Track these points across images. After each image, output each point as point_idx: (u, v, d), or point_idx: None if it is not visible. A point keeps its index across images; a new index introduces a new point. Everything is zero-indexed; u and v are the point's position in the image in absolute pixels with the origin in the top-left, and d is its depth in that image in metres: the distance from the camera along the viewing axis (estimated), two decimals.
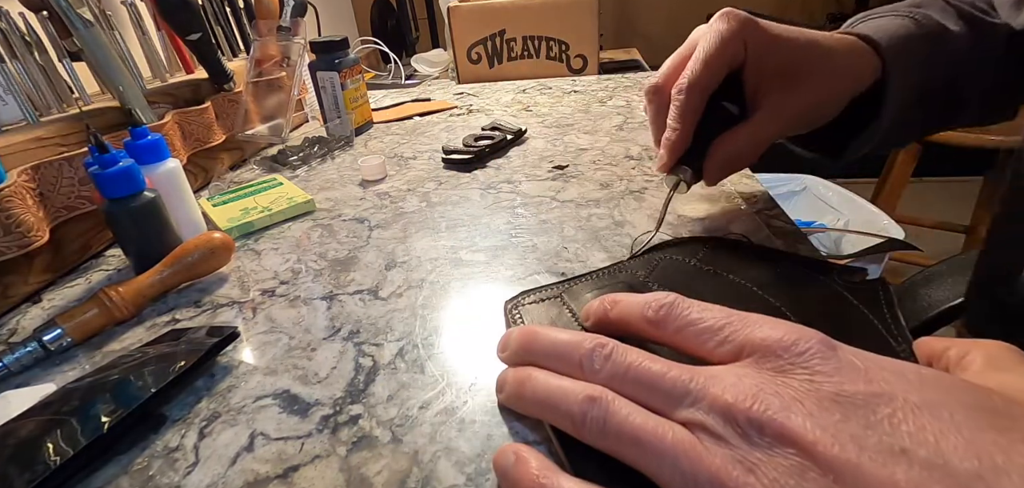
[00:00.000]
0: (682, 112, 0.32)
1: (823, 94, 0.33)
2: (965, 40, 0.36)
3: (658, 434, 0.17)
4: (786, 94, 0.32)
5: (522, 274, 0.34)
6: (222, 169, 0.60)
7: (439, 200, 0.47)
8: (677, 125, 0.33)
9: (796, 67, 0.32)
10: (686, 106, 0.32)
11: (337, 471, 0.22)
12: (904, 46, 0.34)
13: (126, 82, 0.46)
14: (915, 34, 0.35)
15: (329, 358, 0.28)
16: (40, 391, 0.27)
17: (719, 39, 0.31)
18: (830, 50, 0.33)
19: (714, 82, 0.32)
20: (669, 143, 0.33)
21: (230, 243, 0.38)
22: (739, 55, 0.32)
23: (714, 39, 0.31)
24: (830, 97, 0.34)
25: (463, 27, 0.94)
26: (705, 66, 0.31)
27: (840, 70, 0.33)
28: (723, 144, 0.33)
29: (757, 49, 0.32)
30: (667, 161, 0.34)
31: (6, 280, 0.36)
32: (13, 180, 0.35)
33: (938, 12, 0.37)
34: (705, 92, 0.32)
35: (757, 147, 0.33)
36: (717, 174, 0.34)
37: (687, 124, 0.32)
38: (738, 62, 0.32)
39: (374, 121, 0.76)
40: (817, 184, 1.39)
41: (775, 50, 0.32)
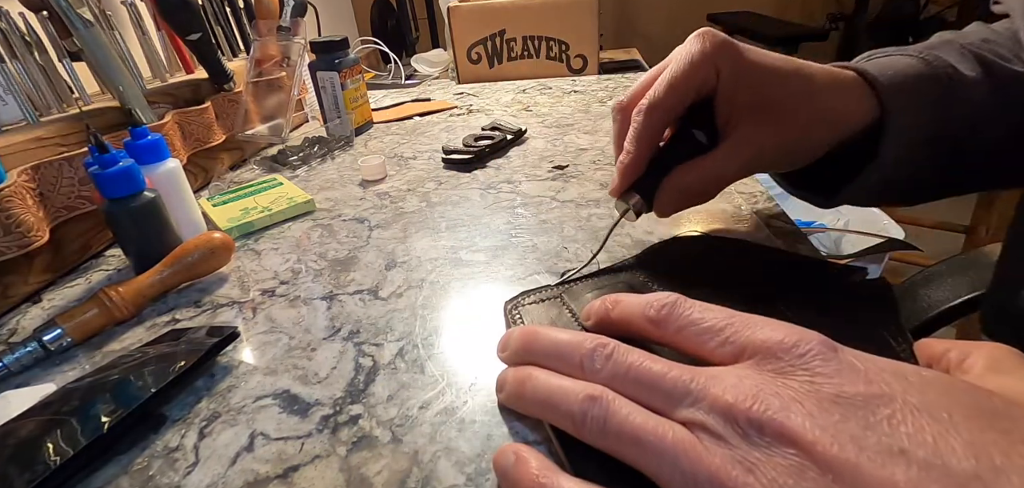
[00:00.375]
0: (638, 135, 0.30)
1: (800, 131, 0.30)
2: (982, 87, 0.32)
3: (658, 434, 0.17)
4: (757, 126, 0.30)
5: (522, 274, 0.34)
6: (222, 169, 0.60)
7: (439, 200, 0.47)
8: (631, 148, 0.30)
9: (772, 99, 0.30)
10: (642, 129, 0.30)
11: (337, 471, 0.22)
12: (910, 85, 0.31)
13: (126, 82, 0.46)
14: (924, 74, 0.31)
15: (329, 358, 0.28)
16: (40, 391, 0.27)
17: (689, 61, 0.29)
18: (815, 84, 0.30)
19: (678, 106, 0.30)
20: (622, 166, 0.31)
21: (230, 243, 0.38)
22: (710, 80, 0.29)
23: (684, 61, 0.29)
24: (810, 135, 0.31)
25: (463, 27, 0.94)
26: (669, 89, 0.29)
27: (823, 106, 0.30)
28: (679, 175, 0.31)
29: (732, 75, 0.29)
30: (618, 185, 0.31)
31: (6, 280, 0.36)
32: (13, 180, 0.35)
33: (954, 55, 0.33)
34: (665, 116, 0.30)
35: (717, 182, 0.31)
36: (670, 207, 0.32)
37: (642, 148, 0.30)
38: (709, 88, 0.30)
39: (374, 121, 0.76)
40: None
41: (752, 79, 0.29)
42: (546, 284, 0.31)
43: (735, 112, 0.30)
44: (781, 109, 0.30)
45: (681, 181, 0.31)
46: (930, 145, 0.31)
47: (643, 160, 0.31)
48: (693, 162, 0.31)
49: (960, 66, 0.32)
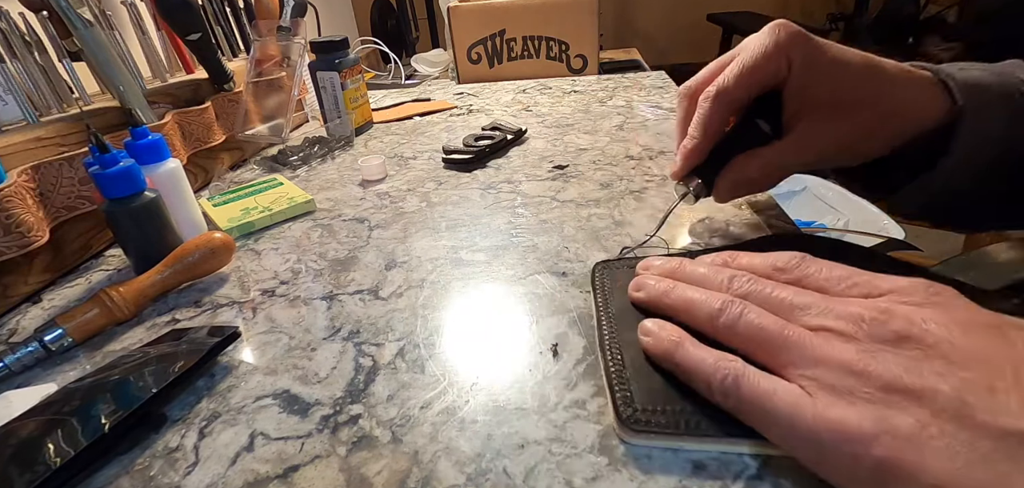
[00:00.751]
0: (704, 121, 0.31)
1: (871, 128, 0.30)
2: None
3: (784, 331, 0.20)
4: (826, 122, 0.30)
5: (522, 274, 0.34)
6: (222, 169, 0.60)
7: (439, 200, 0.47)
8: (696, 133, 0.31)
9: (844, 94, 0.29)
10: (709, 115, 0.30)
11: (337, 471, 0.22)
12: (984, 91, 0.29)
13: (126, 82, 0.46)
14: (995, 85, 0.30)
15: (329, 358, 0.28)
16: (41, 391, 0.27)
17: (762, 51, 0.29)
18: (890, 79, 0.29)
19: (746, 95, 0.30)
20: (685, 150, 0.32)
21: (231, 243, 0.38)
22: (781, 72, 0.29)
23: (756, 51, 0.29)
24: (879, 130, 0.30)
25: (463, 27, 0.94)
26: (738, 78, 0.29)
27: (896, 101, 0.29)
28: (741, 164, 0.31)
29: (803, 68, 0.29)
30: (680, 168, 0.33)
31: (6, 280, 0.36)
32: (13, 180, 0.35)
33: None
34: (732, 104, 0.30)
35: (778, 173, 0.31)
36: (729, 193, 0.33)
37: (706, 134, 0.31)
38: (780, 79, 0.29)
39: (374, 121, 0.76)
40: (817, 184, 1.39)
41: (824, 73, 0.29)
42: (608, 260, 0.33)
43: (804, 106, 0.30)
44: (853, 105, 0.29)
45: (743, 170, 0.31)
46: (999, 158, 0.30)
47: (707, 146, 0.32)
48: (756, 152, 0.31)
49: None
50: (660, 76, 0.88)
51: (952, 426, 0.16)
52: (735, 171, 0.31)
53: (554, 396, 0.24)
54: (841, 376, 0.18)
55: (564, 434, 0.22)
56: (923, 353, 0.17)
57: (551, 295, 0.32)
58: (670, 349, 0.23)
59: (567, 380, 0.25)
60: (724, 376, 0.20)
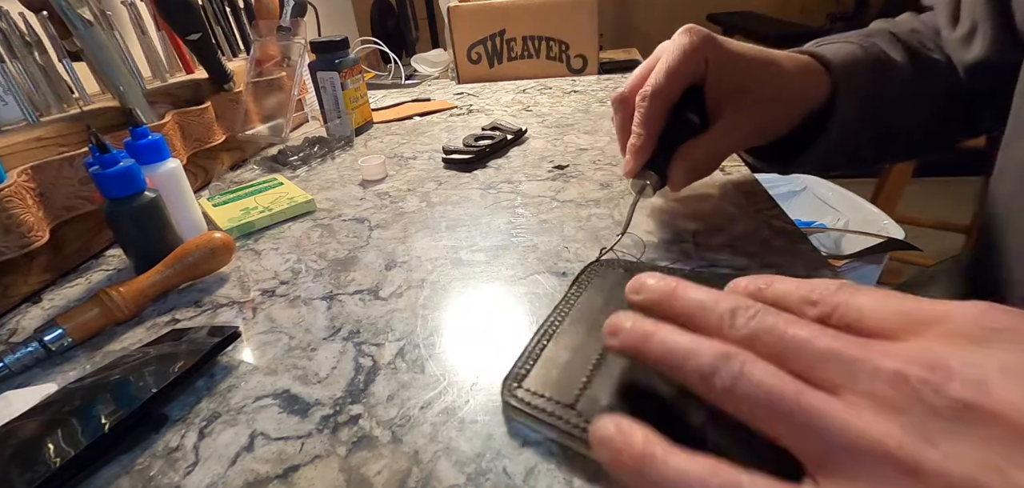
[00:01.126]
0: (646, 118, 0.33)
1: (776, 111, 0.36)
2: (906, 72, 0.38)
3: (798, 397, 0.15)
4: (743, 109, 0.34)
5: (522, 274, 0.34)
6: (222, 169, 0.60)
7: (439, 200, 0.47)
8: (641, 130, 0.34)
9: (752, 84, 0.34)
10: (649, 112, 0.33)
11: (337, 471, 0.22)
12: (852, 69, 0.36)
13: (126, 82, 0.46)
14: (861, 59, 0.37)
15: (329, 358, 0.29)
16: (41, 391, 0.27)
17: (681, 52, 0.33)
18: (783, 70, 0.35)
19: (676, 92, 0.33)
20: (634, 148, 0.34)
21: (231, 243, 0.38)
22: (700, 69, 0.33)
23: (677, 52, 0.33)
24: (783, 113, 0.36)
25: (463, 27, 0.94)
26: (667, 76, 0.33)
27: (793, 88, 0.36)
28: (687, 151, 0.34)
29: (717, 65, 0.33)
30: (633, 166, 0.35)
31: (6, 280, 0.36)
32: (13, 180, 0.35)
33: (886, 42, 0.39)
34: (667, 100, 0.33)
35: (717, 157, 0.36)
36: (683, 179, 0.35)
37: (651, 130, 0.34)
38: (699, 76, 0.34)
39: (374, 121, 0.76)
40: (817, 184, 1.39)
41: (733, 67, 0.34)
42: (524, 348, 0.27)
43: (723, 96, 0.34)
44: (759, 93, 0.35)
45: (689, 157, 0.34)
46: (866, 118, 0.37)
47: (652, 140, 0.34)
48: (696, 141, 0.34)
49: (890, 51, 0.39)
50: None
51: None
52: (684, 159, 0.34)
53: None
54: (880, 473, 0.13)
55: None
56: (1003, 433, 0.12)
57: (551, 295, 0.32)
58: (635, 467, 0.16)
59: None
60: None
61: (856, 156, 0.40)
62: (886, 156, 0.43)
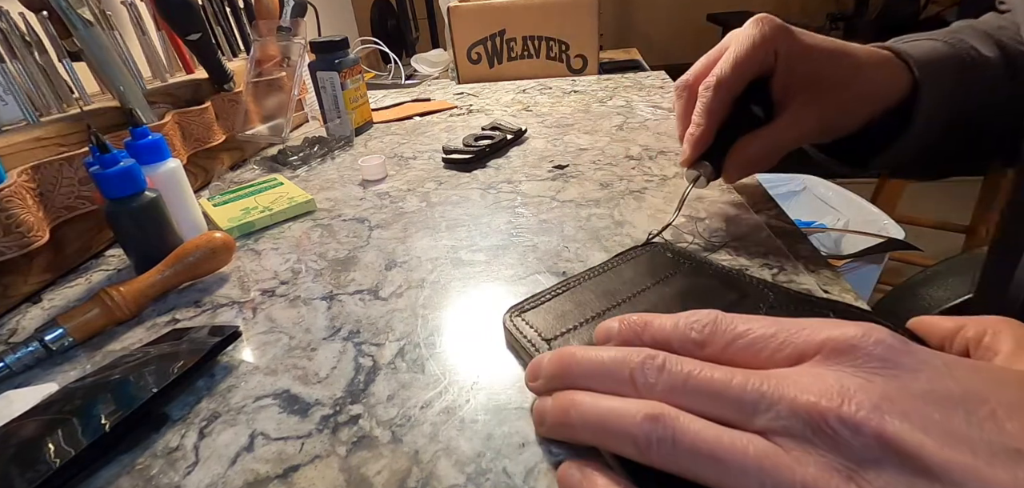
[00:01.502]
0: (707, 109, 0.33)
1: (848, 105, 0.33)
2: (998, 68, 0.35)
3: (738, 448, 0.15)
4: (811, 102, 0.33)
5: (522, 274, 0.34)
6: (222, 169, 0.60)
7: (439, 200, 0.47)
8: (701, 121, 0.33)
9: (823, 77, 0.33)
10: (711, 103, 0.33)
11: (337, 471, 0.22)
12: (937, 64, 0.34)
13: (126, 82, 0.46)
14: (947, 55, 0.34)
15: (329, 358, 0.29)
16: (42, 390, 0.27)
17: (751, 43, 0.32)
18: (860, 62, 0.33)
19: (741, 83, 0.33)
20: (692, 138, 0.34)
21: (231, 243, 0.38)
22: (769, 60, 0.32)
23: (746, 42, 0.32)
24: (855, 108, 0.34)
25: (463, 27, 0.94)
26: (734, 67, 0.32)
27: (868, 82, 0.34)
28: (744, 145, 0.34)
29: (788, 57, 0.32)
30: (689, 155, 0.34)
31: (6, 280, 0.36)
32: (13, 180, 0.35)
33: (976, 38, 0.36)
34: (731, 91, 0.33)
35: (777, 151, 0.34)
36: (736, 173, 0.35)
37: (711, 121, 0.33)
38: (768, 67, 0.33)
39: (374, 121, 0.76)
40: (817, 184, 1.39)
41: (805, 59, 0.32)
42: (540, 291, 0.30)
43: (790, 89, 0.33)
44: (831, 86, 0.33)
45: (746, 150, 0.34)
46: (953, 117, 0.34)
47: (712, 131, 0.33)
48: (755, 133, 0.34)
49: (980, 47, 0.35)
50: (660, 76, 0.88)
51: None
52: (740, 152, 0.34)
53: None
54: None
55: None
56: (907, 467, 0.13)
57: None
58: None
59: None
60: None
61: (941, 155, 0.37)
62: (974, 158, 0.39)
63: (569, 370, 0.21)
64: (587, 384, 0.20)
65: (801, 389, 0.15)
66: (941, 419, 0.14)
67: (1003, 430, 0.14)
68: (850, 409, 0.14)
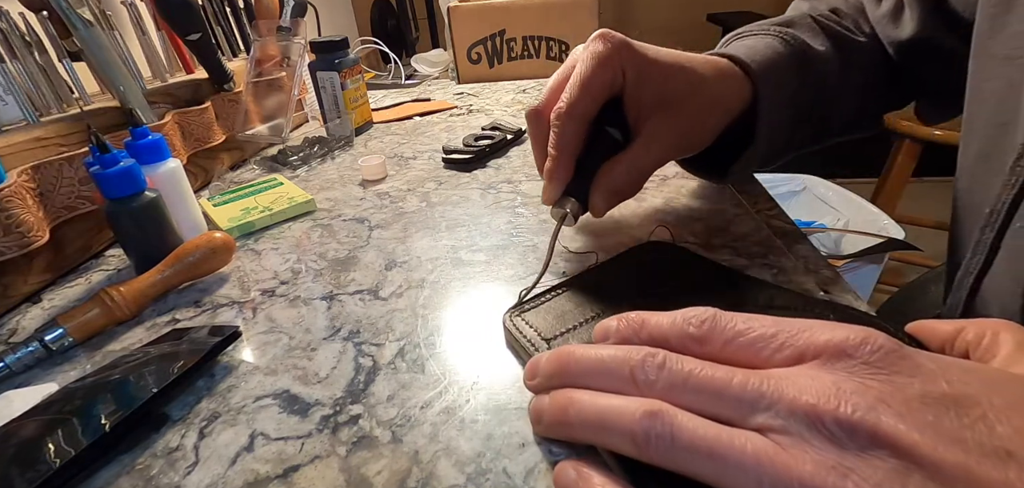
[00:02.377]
0: (560, 140, 0.31)
1: (698, 121, 0.33)
2: (832, 62, 0.37)
3: (736, 445, 0.15)
4: (665, 120, 0.32)
5: (522, 273, 0.34)
6: (222, 169, 0.60)
7: (439, 200, 0.47)
8: (556, 153, 0.31)
9: (672, 94, 0.32)
10: (564, 133, 0.31)
11: (337, 471, 0.22)
12: (774, 68, 0.35)
13: (126, 82, 0.46)
14: (784, 55, 0.36)
15: (329, 358, 0.29)
16: (42, 390, 0.27)
17: (596, 62, 0.30)
18: (703, 77, 0.33)
19: (593, 107, 0.31)
20: (551, 173, 0.31)
21: (231, 243, 0.38)
22: (618, 79, 0.31)
23: (591, 62, 0.30)
24: (705, 123, 0.34)
25: (463, 27, 0.94)
26: (582, 90, 0.30)
27: (714, 97, 0.33)
28: (608, 174, 0.32)
29: (635, 73, 0.31)
30: (551, 193, 0.32)
31: (6, 280, 0.36)
32: (13, 180, 0.35)
33: (807, 32, 0.38)
34: (584, 118, 0.31)
35: (641, 176, 0.33)
36: (604, 205, 0.32)
37: (567, 152, 0.31)
38: (617, 87, 0.31)
39: (374, 121, 0.76)
40: (817, 184, 1.39)
41: (651, 75, 0.31)
42: (543, 290, 0.30)
43: (643, 107, 0.32)
44: (680, 102, 0.32)
45: (610, 178, 0.32)
46: (793, 114, 0.36)
47: (570, 163, 0.31)
48: (616, 159, 0.32)
49: (813, 43, 0.37)
50: None
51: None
52: (605, 182, 0.32)
53: None
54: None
55: None
56: (901, 464, 0.14)
57: None
58: None
59: None
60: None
61: (790, 150, 0.39)
62: (821, 142, 0.42)
63: (567, 368, 0.21)
64: (586, 382, 0.20)
65: (800, 390, 0.16)
66: (934, 420, 0.14)
67: (993, 432, 0.14)
68: (846, 411, 0.15)
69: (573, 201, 0.32)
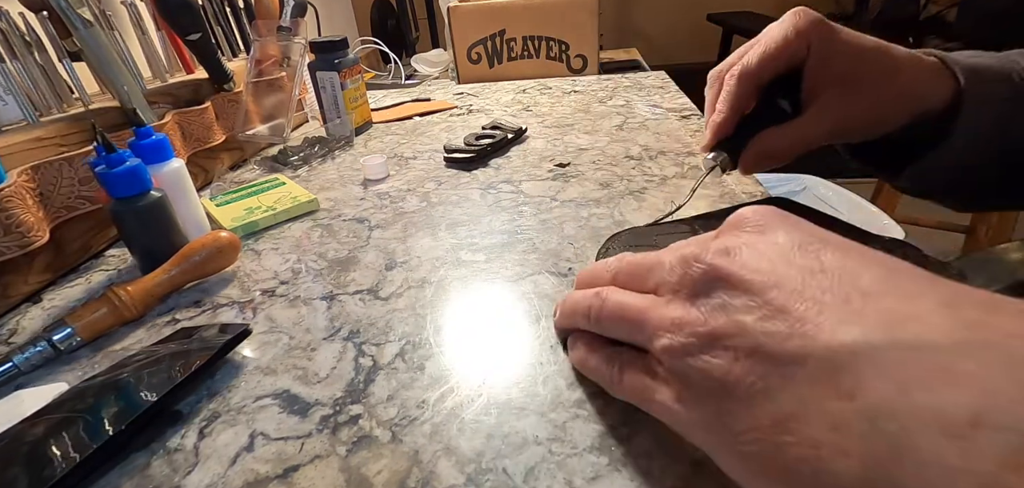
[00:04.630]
0: (729, 97, 0.33)
1: (882, 105, 0.32)
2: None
3: (634, 304, 0.21)
4: (840, 98, 0.32)
5: (523, 273, 0.34)
6: (222, 169, 0.60)
7: (439, 200, 0.47)
8: (722, 108, 0.33)
9: (858, 73, 0.31)
10: (734, 92, 0.32)
11: (337, 471, 0.22)
12: (985, 75, 0.32)
13: (127, 82, 0.46)
14: (995, 68, 0.32)
15: (329, 358, 0.29)
16: (53, 390, 0.28)
17: (783, 35, 0.31)
18: (899, 62, 0.32)
19: (767, 75, 0.32)
20: (713, 124, 0.34)
21: (237, 242, 0.38)
22: (800, 53, 0.31)
23: (778, 34, 0.31)
24: (889, 108, 0.32)
25: (463, 27, 0.94)
26: (760, 58, 0.32)
27: (905, 83, 0.32)
28: (764, 138, 0.33)
29: (821, 50, 0.31)
30: (709, 141, 0.34)
31: (6, 280, 0.36)
32: (13, 180, 0.35)
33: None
34: (755, 81, 0.32)
35: (799, 145, 0.33)
36: (753, 164, 0.34)
37: (732, 109, 0.33)
38: (799, 60, 0.32)
39: (373, 121, 0.76)
40: (817, 184, 1.38)
41: (839, 54, 0.31)
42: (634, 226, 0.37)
43: (821, 84, 0.32)
44: (866, 83, 0.31)
45: (766, 143, 0.33)
46: (999, 140, 0.32)
47: (732, 120, 0.33)
48: (779, 127, 0.33)
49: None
50: (660, 76, 0.88)
51: (759, 365, 0.16)
52: (759, 144, 0.33)
53: (554, 396, 0.24)
54: (679, 338, 0.18)
55: (564, 434, 0.22)
56: (733, 291, 0.17)
57: (552, 295, 0.32)
58: (578, 359, 0.25)
59: (567, 380, 0.25)
60: (611, 382, 0.22)
61: (978, 186, 0.35)
62: (1009, 197, 0.36)
63: (572, 296, 0.27)
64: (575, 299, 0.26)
65: (686, 245, 0.20)
66: (767, 263, 0.17)
67: (819, 258, 0.17)
68: (702, 256, 0.19)
69: (724, 155, 0.34)
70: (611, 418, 0.23)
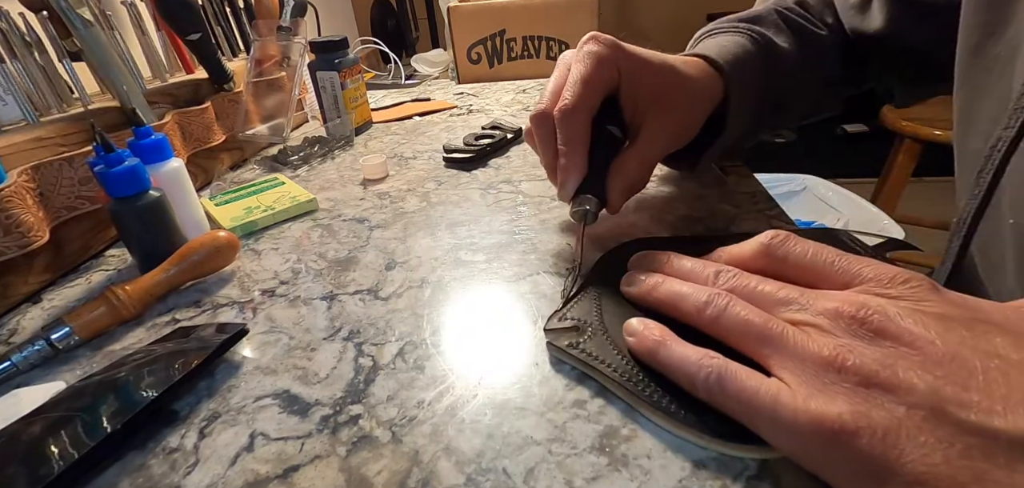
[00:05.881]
0: (570, 135, 0.31)
1: (690, 117, 0.36)
2: (794, 58, 0.40)
3: (767, 324, 0.20)
4: (663, 115, 0.34)
5: (523, 273, 0.34)
6: (222, 169, 0.60)
7: (439, 200, 0.47)
8: (568, 148, 0.31)
9: (665, 92, 0.34)
10: (573, 128, 0.31)
11: (337, 471, 0.22)
12: (742, 67, 0.37)
13: (127, 82, 0.46)
14: (751, 53, 0.38)
15: (329, 358, 0.29)
16: (50, 389, 0.28)
17: (595, 61, 0.31)
18: (688, 76, 0.35)
19: (595, 103, 0.32)
20: (565, 169, 0.32)
21: (235, 241, 0.38)
22: (615, 77, 0.32)
23: (590, 61, 0.31)
24: (694, 119, 0.36)
25: (463, 27, 0.94)
26: (585, 86, 0.31)
27: (699, 94, 0.36)
28: (621, 168, 0.33)
29: (629, 72, 0.32)
30: (569, 187, 0.32)
31: (6, 280, 0.36)
32: (13, 180, 0.35)
33: (772, 28, 0.41)
34: (589, 112, 0.31)
35: (649, 168, 0.35)
36: (621, 199, 0.33)
37: (579, 147, 0.31)
38: (614, 85, 0.32)
39: (373, 121, 0.76)
40: (817, 184, 1.39)
41: (644, 73, 0.33)
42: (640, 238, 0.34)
43: (640, 105, 0.33)
44: (670, 98, 0.34)
45: (624, 173, 0.33)
46: (758, 106, 0.39)
47: (584, 157, 0.32)
48: (625, 155, 0.33)
49: (778, 39, 0.40)
50: None
51: (928, 423, 0.16)
52: (619, 179, 0.33)
53: (554, 396, 0.24)
54: (820, 370, 0.18)
55: (564, 434, 0.22)
56: (898, 350, 0.17)
57: (552, 295, 0.32)
58: (653, 348, 0.23)
59: (567, 380, 0.25)
60: (708, 374, 0.20)
61: (752, 137, 0.43)
62: (779, 127, 0.45)
63: (663, 268, 0.27)
64: (677, 274, 0.26)
65: (830, 299, 0.20)
66: (943, 329, 0.17)
67: (992, 341, 0.17)
68: (863, 312, 0.19)
69: (591, 198, 0.32)
70: (611, 418, 0.23)
